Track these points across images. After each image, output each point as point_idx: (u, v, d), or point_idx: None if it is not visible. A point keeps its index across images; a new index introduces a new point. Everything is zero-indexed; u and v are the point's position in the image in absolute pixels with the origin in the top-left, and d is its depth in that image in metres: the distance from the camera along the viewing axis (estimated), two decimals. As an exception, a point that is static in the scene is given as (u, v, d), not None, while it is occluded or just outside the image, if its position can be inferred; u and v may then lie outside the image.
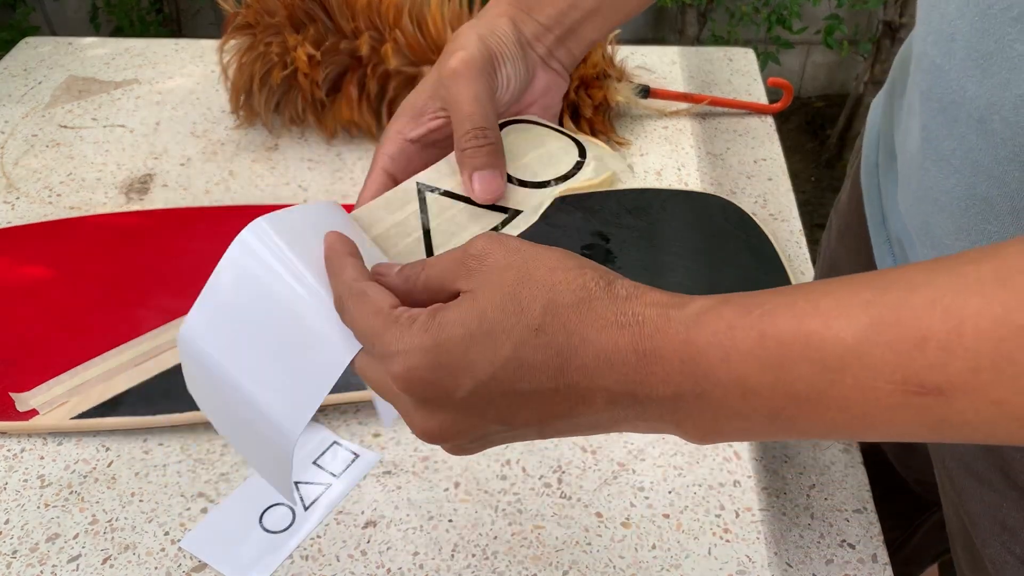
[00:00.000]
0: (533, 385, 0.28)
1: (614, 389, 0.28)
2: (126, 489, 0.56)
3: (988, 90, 0.34)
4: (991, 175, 0.36)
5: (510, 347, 0.28)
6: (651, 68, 0.99)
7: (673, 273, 0.69)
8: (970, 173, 0.37)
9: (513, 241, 0.30)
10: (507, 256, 0.30)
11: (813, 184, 2.19)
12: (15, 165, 0.85)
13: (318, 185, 0.82)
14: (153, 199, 0.81)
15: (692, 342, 0.26)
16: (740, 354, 0.25)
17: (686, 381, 0.26)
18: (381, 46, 0.82)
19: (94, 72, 1.00)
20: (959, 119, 0.37)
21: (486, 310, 0.29)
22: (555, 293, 0.28)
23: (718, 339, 0.26)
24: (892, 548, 0.55)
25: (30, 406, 0.59)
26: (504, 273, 0.29)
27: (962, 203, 0.38)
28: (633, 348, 0.27)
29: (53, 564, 0.52)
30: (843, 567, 0.53)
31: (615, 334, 0.27)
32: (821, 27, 2.03)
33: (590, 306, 0.28)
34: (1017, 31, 0.32)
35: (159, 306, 0.66)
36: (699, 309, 0.27)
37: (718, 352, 0.26)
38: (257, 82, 0.84)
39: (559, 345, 0.28)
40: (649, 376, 0.27)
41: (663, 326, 0.27)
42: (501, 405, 0.29)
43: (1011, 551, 0.45)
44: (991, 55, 0.33)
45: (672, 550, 0.53)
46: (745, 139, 0.90)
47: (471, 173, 0.38)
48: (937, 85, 0.38)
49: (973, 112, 0.35)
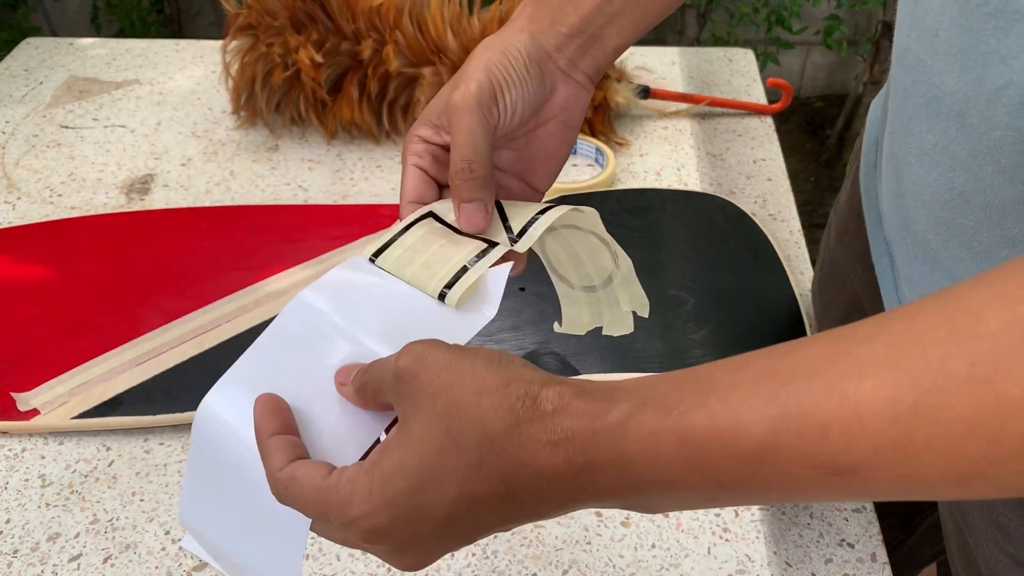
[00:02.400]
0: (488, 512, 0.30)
1: (562, 499, 0.29)
2: (127, 488, 0.56)
3: (966, 85, 0.35)
4: (968, 169, 0.37)
5: (455, 487, 0.29)
6: (651, 68, 0.99)
7: (673, 273, 0.69)
8: (949, 167, 0.38)
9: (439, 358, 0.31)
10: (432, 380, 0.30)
11: (812, 184, 2.19)
12: (16, 165, 0.85)
13: (318, 185, 0.82)
14: (154, 199, 0.81)
15: (622, 452, 0.28)
16: (666, 458, 0.27)
17: (625, 486, 0.28)
18: (382, 47, 0.82)
19: (95, 72, 1.00)
20: (940, 113, 0.38)
21: (424, 453, 0.30)
22: (485, 424, 0.29)
23: (644, 446, 0.27)
24: (889, 548, 0.56)
25: (31, 406, 0.60)
26: (434, 402, 0.30)
27: (941, 197, 0.39)
28: (569, 464, 0.28)
29: (54, 563, 0.52)
30: (842, 566, 0.54)
31: (550, 454, 0.28)
32: (820, 27, 2.03)
33: (520, 430, 0.29)
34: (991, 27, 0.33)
35: (160, 306, 0.67)
36: (622, 416, 0.28)
37: (646, 459, 0.27)
38: (259, 82, 0.85)
39: (502, 473, 0.29)
40: (590, 484, 0.29)
41: (592, 440, 0.28)
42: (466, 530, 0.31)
43: (1004, 551, 0.45)
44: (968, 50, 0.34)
45: (672, 549, 0.53)
46: (744, 139, 0.90)
47: (458, 204, 0.40)
48: (921, 80, 0.39)
49: (953, 106, 0.36)
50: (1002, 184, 0.35)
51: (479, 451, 0.29)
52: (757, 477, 0.26)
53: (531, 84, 0.41)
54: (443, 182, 0.43)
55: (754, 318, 0.66)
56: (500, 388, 0.30)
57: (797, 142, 2.30)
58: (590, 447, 0.28)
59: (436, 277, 0.38)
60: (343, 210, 0.77)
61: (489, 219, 0.40)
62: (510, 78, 0.40)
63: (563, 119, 0.44)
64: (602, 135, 0.87)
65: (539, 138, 0.44)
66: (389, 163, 0.85)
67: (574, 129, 0.45)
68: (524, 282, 0.67)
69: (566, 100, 0.44)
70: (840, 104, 2.32)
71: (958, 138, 0.36)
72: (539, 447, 0.28)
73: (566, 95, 0.44)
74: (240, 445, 0.35)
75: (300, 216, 0.76)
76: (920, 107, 0.39)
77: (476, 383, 0.30)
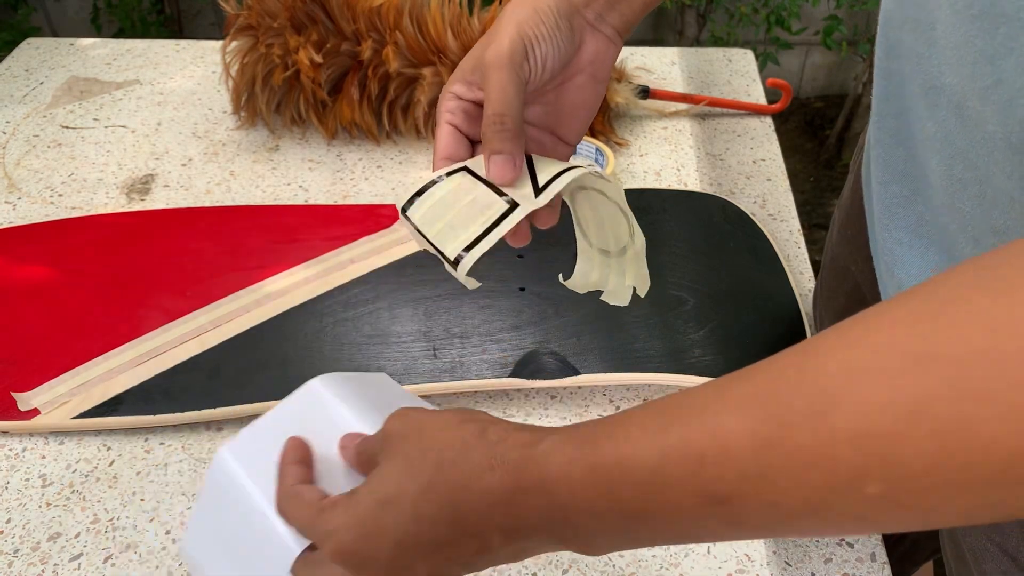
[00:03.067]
0: (438, 535, 0.33)
1: (504, 525, 0.32)
2: (127, 488, 0.57)
3: (962, 79, 0.36)
4: (966, 158, 0.37)
5: (409, 507, 0.33)
6: (650, 69, 0.99)
7: (673, 273, 0.69)
8: (948, 155, 0.39)
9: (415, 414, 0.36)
10: (405, 427, 0.36)
11: (812, 184, 2.19)
12: (17, 165, 0.85)
13: (319, 185, 0.83)
14: (154, 199, 0.81)
15: (546, 477, 0.31)
16: (580, 484, 0.30)
17: (551, 510, 0.31)
18: (382, 48, 0.82)
19: (95, 73, 1.00)
20: (939, 104, 0.39)
21: (389, 477, 0.34)
22: (441, 452, 0.33)
23: (562, 472, 0.30)
24: (887, 545, 0.56)
25: (32, 405, 0.60)
26: (404, 442, 0.35)
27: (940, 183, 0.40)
28: (504, 487, 0.32)
29: (55, 563, 0.52)
30: (842, 566, 0.54)
31: (489, 477, 0.32)
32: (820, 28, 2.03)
33: (467, 456, 0.33)
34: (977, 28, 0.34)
35: (160, 306, 0.67)
36: (549, 447, 0.31)
37: (564, 484, 0.30)
38: (259, 83, 0.85)
39: (448, 497, 0.32)
40: (524, 509, 0.31)
41: (523, 464, 0.31)
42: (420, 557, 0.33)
43: (991, 540, 0.45)
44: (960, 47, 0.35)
45: (671, 549, 0.53)
46: (744, 139, 0.90)
47: (488, 155, 0.41)
48: (918, 71, 0.40)
49: (952, 98, 0.37)
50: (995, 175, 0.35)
51: (431, 475, 0.33)
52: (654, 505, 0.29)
53: (561, 39, 0.43)
54: (476, 138, 0.44)
55: (754, 318, 0.67)
56: (458, 424, 0.34)
57: (797, 142, 2.30)
58: (519, 470, 0.31)
59: (457, 240, 0.40)
60: (343, 210, 0.78)
61: (518, 172, 0.41)
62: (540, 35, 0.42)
63: (591, 72, 0.45)
64: (602, 135, 0.87)
65: (568, 91, 0.45)
66: (389, 163, 0.86)
67: (602, 83, 0.46)
68: (524, 282, 0.67)
69: (595, 54, 0.45)
70: (840, 104, 2.32)
71: (957, 128, 0.37)
72: (481, 471, 0.32)
73: (595, 48, 0.45)
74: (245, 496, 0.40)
75: (300, 216, 0.76)
76: (918, 96, 0.40)
77: (441, 423, 0.35)
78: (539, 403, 0.62)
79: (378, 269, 0.69)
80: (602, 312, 0.64)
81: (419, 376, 0.60)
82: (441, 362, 0.61)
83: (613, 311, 0.50)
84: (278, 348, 0.63)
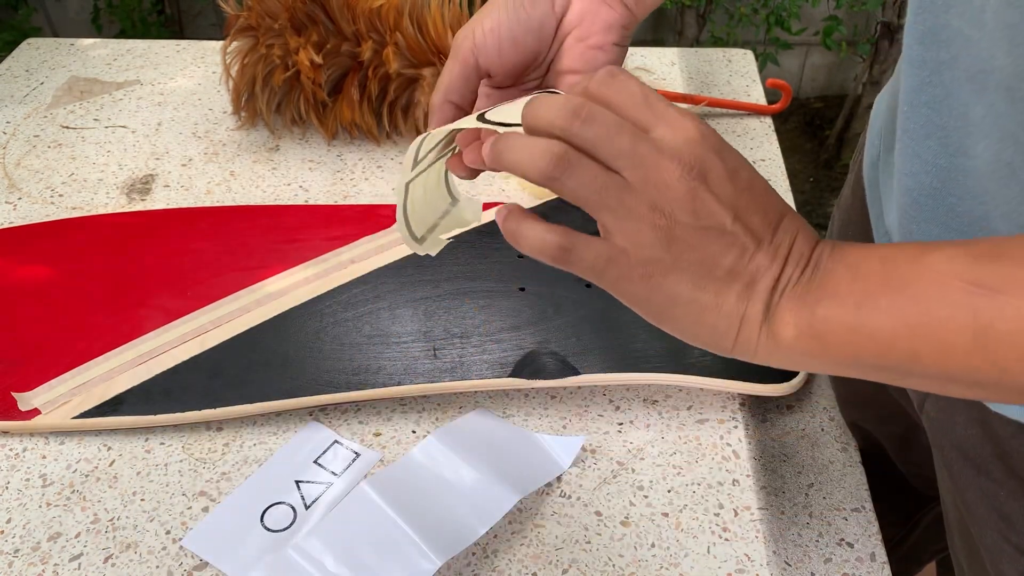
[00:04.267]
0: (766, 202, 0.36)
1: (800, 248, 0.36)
2: (128, 488, 0.57)
3: (1015, 60, 0.36)
4: (1016, 140, 0.37)
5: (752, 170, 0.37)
6: (650, 69, 0.99)
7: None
8: (997, 139, 0.38)
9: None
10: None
11: (812, 184, 2.19)
12: (17, 165, 0.86)
13: (319, 186, 0.83)
14: (155, 199, 0.81)
15: (837, 246, 0.36)
16: (865, 254, 0.35)
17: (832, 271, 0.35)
18: (382, 49, 0.82)
19: (96, 73, 1.00)
20: (988, 87, 0.38)
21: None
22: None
23: (857, 250, 0.35)
24: (890, 545, 0.56)
25: (32, 405, 0.60)
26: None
27: (989, 167, 0.39)
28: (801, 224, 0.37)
29: (55, 563, 0.52)
30: (841, 566, 0.54)
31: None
32: (820, 28, 2.03)
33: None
34: None
35: (160, 306, 0.67)
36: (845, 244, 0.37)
37: (855, 255, 0.35)
38: (259, 83, 0.85)
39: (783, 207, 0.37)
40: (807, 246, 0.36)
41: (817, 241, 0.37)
42: (749, 200, 0.36)
43: (1008, 540, 0.45)
44: (1015, 26, 0.35)
45: (671, 548, 0.53)
46: (744, 140, 0.90)
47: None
48: (963, 55, 0.39)
49: (1002, 80, 0.37)
50: None
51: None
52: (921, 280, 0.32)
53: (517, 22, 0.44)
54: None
55: (753, 318, 0.66)
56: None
57: (796, 142, 2.31)
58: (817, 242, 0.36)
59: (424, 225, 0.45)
60: (343, 210, 0.78)
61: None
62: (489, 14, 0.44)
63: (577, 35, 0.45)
64: (602, 135, 0.87)
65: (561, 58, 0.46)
66: (390, 163, 0.86)
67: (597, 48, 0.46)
68: (524, 282, 0.67)
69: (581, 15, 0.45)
70: (839, 104, 2.32)
71: (1008, 111, 0.37)
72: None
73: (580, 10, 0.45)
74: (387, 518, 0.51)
75: (300, 216, 0.76)
76: (963, 81, 0.40)
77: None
78: (539, 403, 0.62)
79: (378, 269, 0.69)
80: (602, 312, 0.64)
81: (419, 376, 0.60)
82: (441, 362, 0.61)
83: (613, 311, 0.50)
84: (278, 348, 0.63)
